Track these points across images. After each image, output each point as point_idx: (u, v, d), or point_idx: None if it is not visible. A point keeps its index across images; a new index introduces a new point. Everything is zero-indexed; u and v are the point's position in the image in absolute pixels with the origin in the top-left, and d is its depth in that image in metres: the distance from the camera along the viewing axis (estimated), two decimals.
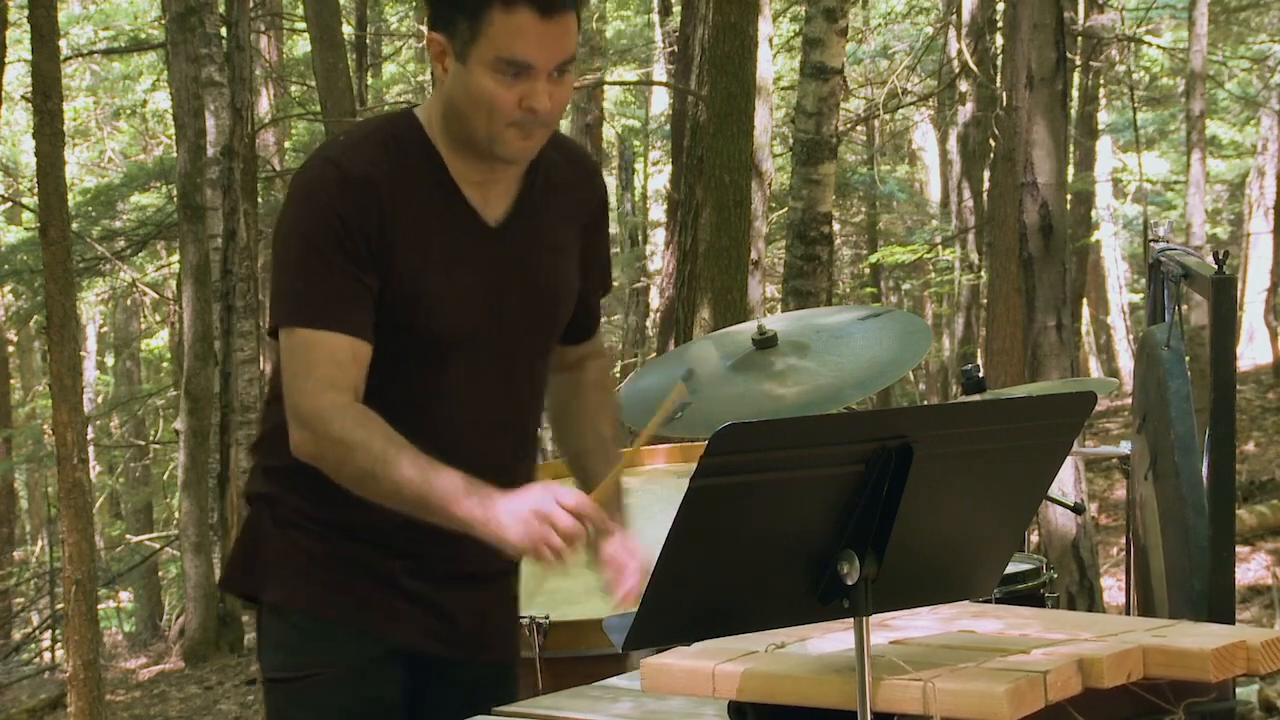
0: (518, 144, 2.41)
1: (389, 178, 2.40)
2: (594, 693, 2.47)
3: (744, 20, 8.89)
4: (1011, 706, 1.88)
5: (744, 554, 1.91)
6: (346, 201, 2.37)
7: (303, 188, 2.42)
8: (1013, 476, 2.08)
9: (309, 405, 2.36)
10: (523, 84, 2.35)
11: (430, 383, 2.46)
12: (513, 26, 2.32)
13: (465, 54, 2.35)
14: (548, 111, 2.39)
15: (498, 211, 2.50)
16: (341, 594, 2.49)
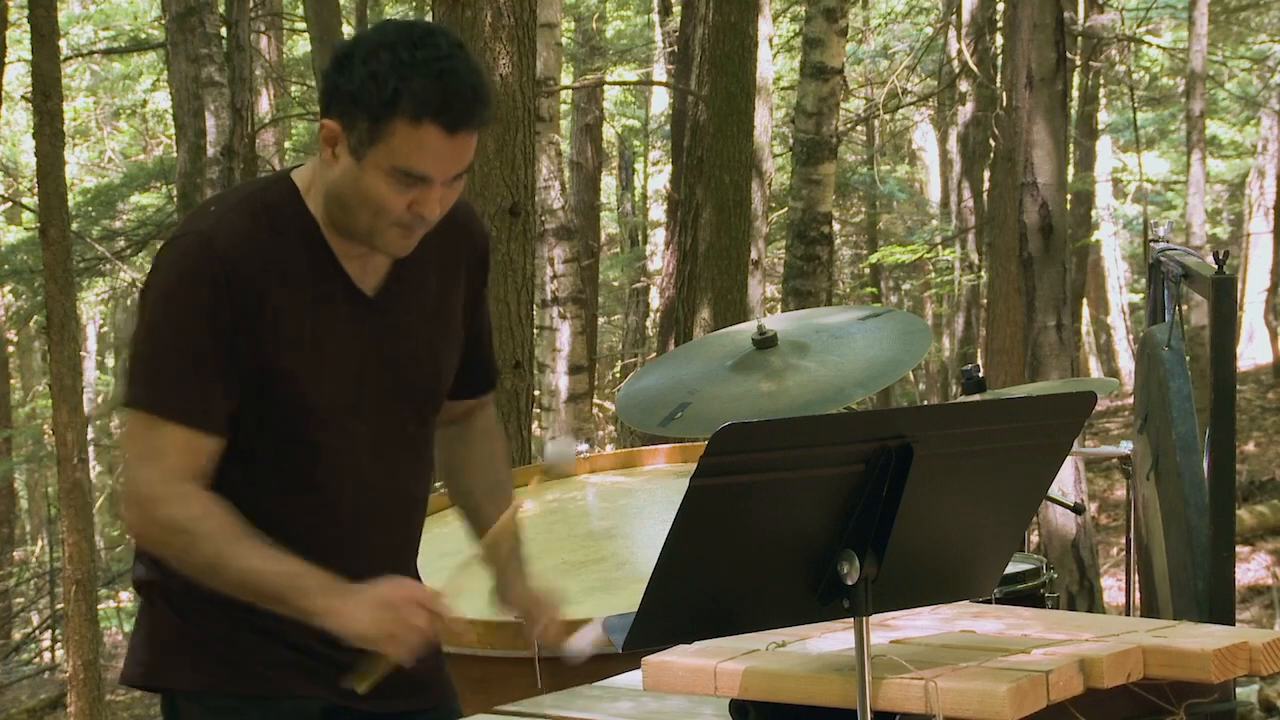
0: (398, 242, 2.33)
1: (262, 253, 2.31)
2: (594, 693, 2.47)
3: (744, 20, 8.90)
4: (1013, 706, 1.88)
5: (744, 554, 1.91)
6: (215, 281, 2.27)
7: (172, 263, 2.31)
8: (1013, 476, 2.08)
9: (150, 491, 2.29)
10: (415, 191, 2.27)
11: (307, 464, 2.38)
12: (415, 140, 2.23)
13: (360, 153, 2.26)
14: (436, 217, 2.32)
15: (373, 281, 2.41)
16: (254, 666, 2.41)
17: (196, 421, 2.30)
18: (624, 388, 4.01)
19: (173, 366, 2.30)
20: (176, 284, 2.30)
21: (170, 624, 2.43)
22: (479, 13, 5.47)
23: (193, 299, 2.28)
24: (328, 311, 2.36)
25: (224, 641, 2.40)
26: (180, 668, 2.42)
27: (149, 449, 2.30)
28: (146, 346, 2.33)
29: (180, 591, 2.39)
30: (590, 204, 16.18)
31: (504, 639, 3.06)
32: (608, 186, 21.41)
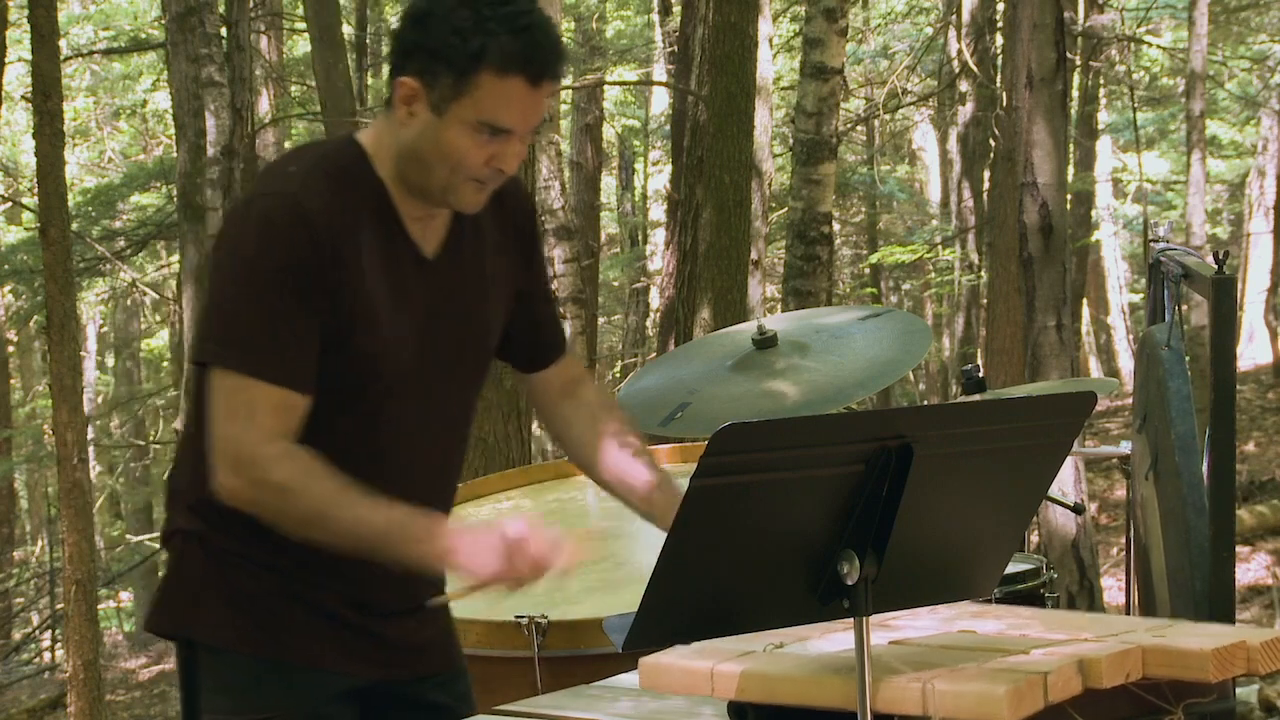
0: (472, 197, 2.39)
1: (340, 214, 2.34)
2: (594, 693, 2.47)
3: (744, 20, 8.90)
4: (1011, 707, 1.88)
5: (744, 554, 1.91)
6: (303, 241, 2.30)
7: (260, 222, 2.33)
8: (1013, 476, 2.08)
9: (247, 453, 2.29)
10: (496, 145, 2.33)
11: (371, 421, 2.42)
12: (501, 92, 2.29)
13: (442, 108, 2.31)
14: (512, 171, 2.38)
15: (433, 244, 2.46)
16: (284, 632, 2.43)
17: (291, 382, 2.32)
18: (624, 388, 4.01)
19: (266, 327, 2.31)
20: (266, 243, 2.32)
21: (206, 577, 2.44)
22: None
23: (283, 258, 2.30)
24: (395, 273, 2.41)
25: (259, 603, 2.43)
26: (209, 620, 2.44)
27: (242, 409, 2.30)
28: (235, 305, 2.33)
29: (222, 547, 2.42)
30: (590, 204, 16.18)
31: (504, 639, 3.06)
32: (608, 186, 21.41)
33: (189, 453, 2.48)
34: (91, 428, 18.53)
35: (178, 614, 2.48)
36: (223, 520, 2.39)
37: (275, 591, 2.42)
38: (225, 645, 2.43)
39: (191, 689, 2.48)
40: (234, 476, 2.31)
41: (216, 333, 2.34)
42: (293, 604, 2.43)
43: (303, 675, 2.44)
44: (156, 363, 24.01)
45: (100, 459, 21.79)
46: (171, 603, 2.49)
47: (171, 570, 2.50)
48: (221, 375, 2.32)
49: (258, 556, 2.40)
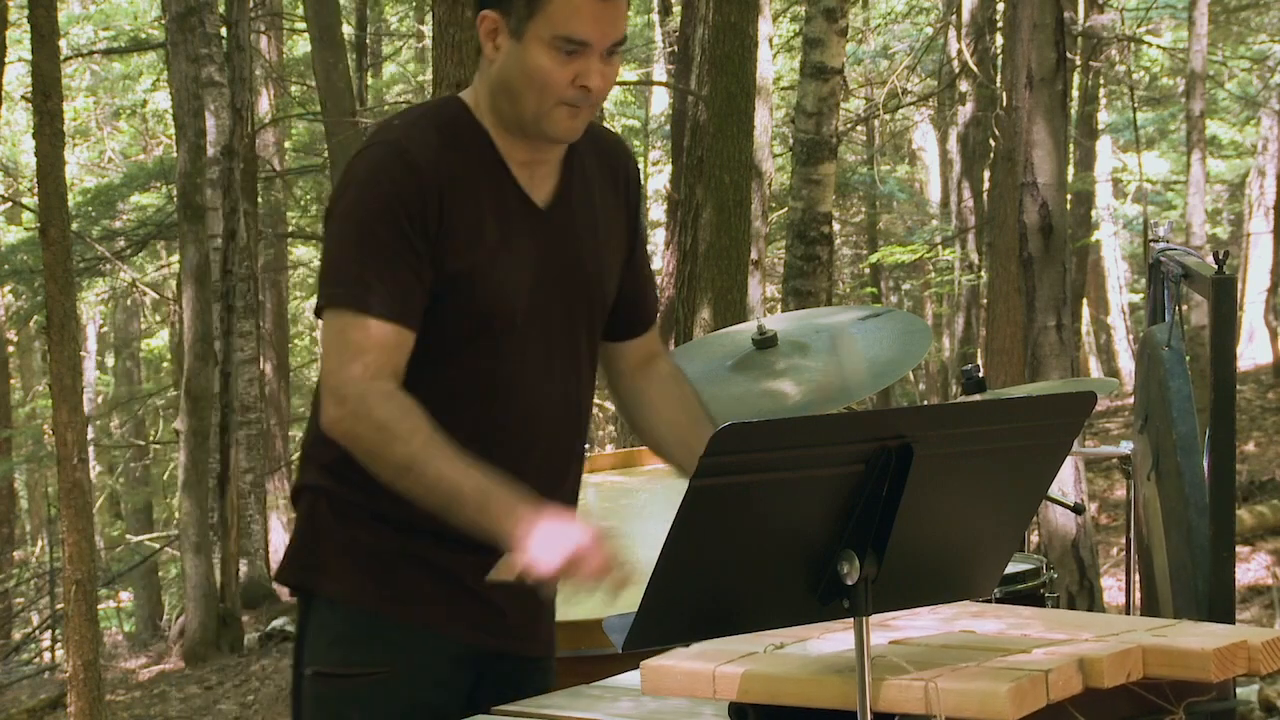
0: (566, 123, 2.43)
1: (447, 161, 2.41)
2: (594, 693, 2.47)
3: (744, 20, 8.90)
4: (1014, 706, 1.88)
5: (744, 554, 1.91)
6: (409, 185, 2.37)
7: (364, 169, 2.41)
8: (1013, 476, 2.08)
9: (353, 388, 2.35)
10: (577, 62, 2.38)
11: (485, 365, 2.45)
12: (571, 5, 2.35)
13: (521, 31, 2.38)
14: (599, 90, 2.41)
15: (544, 193, 2.51)
16: (404, 591, 2.47)
17: (397, 315, 2.37)
18: None
19: (372, 264, 2.37)
20: (372, 187, 2.39)
21: (329, 532, 2.50)
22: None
23: (389, 200, 2.37)
24: (504, 221, 2.45)
25: (381, 560, 2.47)
26: (329, 573, 2.50)
27: (350, 345, 2.36)
28: (344, 248, 2.41)
29: (347, 503, 2.48)
30: None
31: None
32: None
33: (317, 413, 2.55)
34: (91, 428, 18.54)
35: (302, 568, 2.54)
36: (352, 476, 2.44)
37: (397, 550, 2.47)
38: (343, 599, 2.48)
39: (303, 640, 2.54)
40: (337, 408, 2.36)
41: (328, 278, 2.42)
42: (414, 564, 2.47)
43: (416, 635, 2.48)
44: (156, 363, 24.01)
45: (100, 459, 21.79)
46: (297, 556, 2.56)
47: (299, 526, 2.57)
48: (332, 315, 2.39)
49: (384, 512, 2.45)
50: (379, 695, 2.46)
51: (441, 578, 2.48)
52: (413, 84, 21.63)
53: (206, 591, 12.77)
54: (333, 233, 2.44)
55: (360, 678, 2.47)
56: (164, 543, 18.91)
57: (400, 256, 2.37)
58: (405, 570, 2.48)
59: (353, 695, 2.47)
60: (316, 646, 2.51)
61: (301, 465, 2.60)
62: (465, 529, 2.32)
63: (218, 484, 13.01)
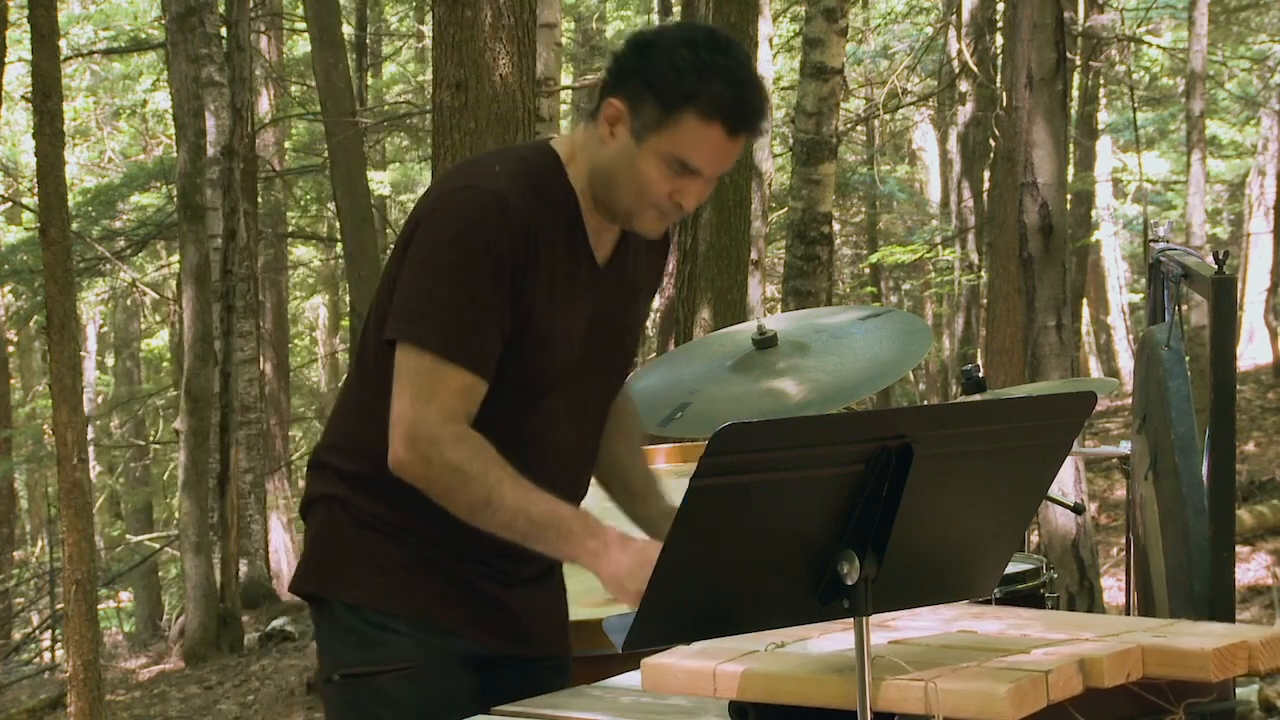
0: (653, 224, 2.51)
1: (538, 216, 2.46)
2: (594, 693, 2.47)
3: (744, 20, 8.89)
4: (1014, 706, 1.88)
5: (744, 554, 1.91)
6: (505, 237, 2.41)
7: (468, 213, 2.43)
8: (1013, 476, 2.08)
9: (426, 431, 2.39)
10: (682, 182, 2.44)
11: (528, 418, 2.52)
12: (700, 136, 2.40)
13: (642, 136, 2.43)
14: (691, 209, 2.49)
15: (604, 252, 2.58)
16: (420, 593, 2.53)
17: (479, 367, 2.42)
18: None
19: (464, 312, 2.41)
20: (472, 233, 2.42)
21: (347, 538, 2.56)
22: (479, 13, 5.47)
23: (486, 249, 2.40)
24: (572, 276, 2.52)
25: (398, 565, 2.53)
26: (347, 578, 2.55)
27: (429, 388, 2.40)
28: (432, 287, 2.43)
29: (365, 510, 2.54)
30: None
31: None
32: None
33: (341, 424, 2.62)
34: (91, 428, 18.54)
35: (320, 575, 2.59)
36: (369, 487, 2.51)
37: (414, 557, 2.53)
38: (361, 602, 2.53)
39: (323, 645, 2.60)
40: (409, 451, 2.40)
41: (412, 312, 2.43)
42: (430, 570, 2.53)
43: (433, 636, 2.53)
44: (156, 363, 24.01)
45: (100, 459, 21.80)
46: (316, 565, 2.60)
47: (315, 534, 2.62)
48: (412, 353, 2.42)
49: (401, 523, 2.51)
50: (407, 690, 2.52)
51: (459, 585, 2.54)
52: (413, 84, 21.63)
53: (206, 591, 12.77)
54: (420, 267, 2.44)
55: (388, 674, 2.52)
56: (164, 543, 18.92)
57: (490, 308, 2.41)
58: (423, 576, 2.53)
59: (382, 692, 2.53)
60: (341, 650, 2.56)
61: (314, 475, 2.63)
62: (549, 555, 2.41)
63: (218, 484, 13.01)
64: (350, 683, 2.56)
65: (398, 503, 2.48)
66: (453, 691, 2.53)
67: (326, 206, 19.16)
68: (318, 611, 2.61)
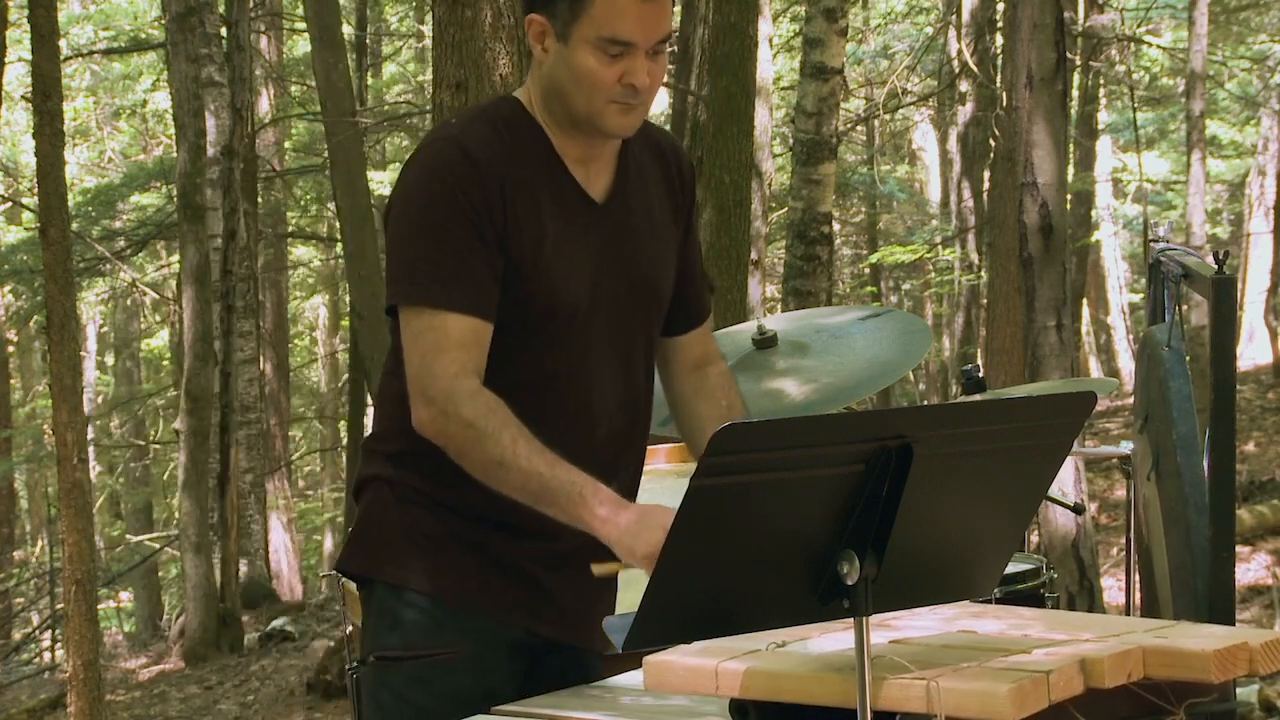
0: (618, 119, 2.46)
1: (506, 156, 2.45)
2: (594, 693, 2.47)
3: (744, 20, 8.89)
4: (1015, 706, 1.88)
5: (744, 554, 1.91)
6: (472, 180, 2.41)
7: (427, 166, 2.45)
8: (1013, 476, 2.08)
9: (441, 387, 2.37)
10: (623, 62, 2.41)
11: (546, 358, 2.49)
12: (614, 6, 2.39)
13: (567, 33, 2.42)
14: (646, 88, 2.44)
15: (599, 188, 2.54)
16: (463, 577, 2.51)
17: (475, 307, 2.41)
18: None
19: (445, 258, 2.40)
20: (435, 182, 2.42)
21: (392, 520, 2.54)
22: (479, 12, 5.47)
23: (453, 193, 2.41)
24: (563, 215, 2.49)
25: (442, 547, 2.52)
26: (390, 560, 2.54)
27: (434, 343, 2.39)
28: (413, 244, 2.43)
29: (410, 489, 2.53)
30: None
31: None
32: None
33: (380, 409, 2.62)
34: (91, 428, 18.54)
35: (364, 555, 2.58)
36: (414, 465, 2.50)
37: (459, 537, 2.51)
38: (404, 584, 2.52)
39: (366, 625, 2.58)
40: (427, 408, 2.39)
41: (400, 274, 2.43)
42: (474, 551, 2.51)
43: (475, 620, 2.51)
44: (156, 363, 24.02)
45: (100, 459, 21.80)
46: (360, 544, 2.59)
47: (363, 512, 2.61)
48: (410, 313, 2.42)
49: (446, 500, 2.50)
50: (440, 677, 2.50)
51: (501, 565, 2.52)
52: (413, 84, 21.63)
53: (206, 591, 12.77)
54: (398, 229, 2.46)
55: (422, 659, 2.51)
56: (164, 543, 18.92)
57: (471, 249, 2.40)
58: (465, 557, 2.52)
59: (415, 676, 2.51)
60: (379, 632, 2.55)
61: (364, 459, 2.64)
62: (559, 521, 2.35)
63: (218, 484, 13.02)
64: (385, 665, 2.54)
65: (440, 476, 2.46)
66: (488, 680, 2.51)
67: (326, 206, 19.16)
68: (363, 589, 2.60)
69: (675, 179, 2.67)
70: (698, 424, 2.68)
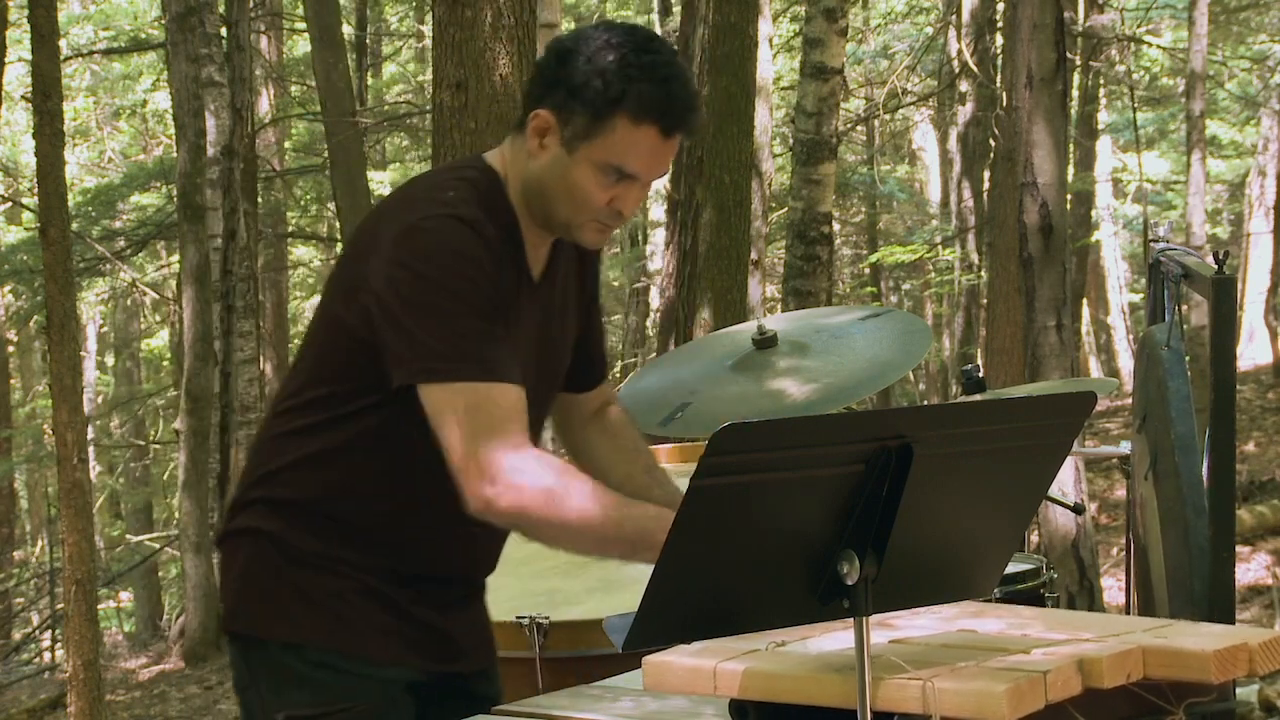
0: (594, 236, 2.45)
1: (497, 239, 2.40)
2: (594, 693, 2.47)
3: (744, 20, 8.91)
4: (1011, 706, 1.88)
5: (744, 554, 1.91)
6: (487, 261, 2.35)
7: (439, 239, 2.33)
8: (1013, 476, 2.08)
9: (503, 463, 2.28)
10: (618, 188, 2.39)
11: None
12: (633, 139, 2.34)
13: (573, 146, 2.37)
14: (630, 215, 2.43)
15: (539, 267, 2.52)
16: (358, 628, 2.46)
17: (513, 377, 2.34)
18: (624, 388, 4.01)
19: (476, 333, 2.33)
20: (462, 259, 2.33)
21: (280, 574, 2.47)
22: (479, 13, 5.47)
23: (478, 272, 2.33)
24: (517, 295, 2.45)
25: (336, 599, 2.46)
26: (284, 617, 2.47)
27: (487, 417, 2.30)
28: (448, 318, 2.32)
29: (297, 549, 2.46)
30: None
31: (505, 639, 3.06)
32: None
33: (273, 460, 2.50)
34: (91, 428, 18.54)
35: (253, 614, 2.50)
36: (303, 521, 2.45)
37: (351, 589, 2.46)
38: (301, 641, 2.46)
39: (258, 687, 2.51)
40: (490, 487, 2.29)
41: (435, 350, 2.32)
42: (367, 601, 2.47)
43: (375, 670, 2.47)
44: (156, 363, 24.01)
45: (100, 459, 21.79)
46: (246, 602, 2.52)
47: (242, 570, 2.52)
48: (452, 389, 2.31)
49: (339, 555, 2.45)
50: None
51: (397, 613, 2.48)
52: (413, 84, 21.63)
53: (206, 591, 12.78)
54: (423, 300, 2.33)
55: (333, 715, 2.45)
56: (164, 543, 18.92)
57: (496, 325, 2.35)
58: (362, 606, 2.46)
59: None
60: (281, 691, 2.48)
61: (239, 509, 2.54)
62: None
63: (218, 484, 13.01)
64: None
65: (336, 537, 2.43)
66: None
67: (326, 206, 19.16)
68: (248, 651, 2.52)
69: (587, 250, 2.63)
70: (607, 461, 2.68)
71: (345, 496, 2.47)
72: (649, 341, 18.49)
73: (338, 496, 2.47)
